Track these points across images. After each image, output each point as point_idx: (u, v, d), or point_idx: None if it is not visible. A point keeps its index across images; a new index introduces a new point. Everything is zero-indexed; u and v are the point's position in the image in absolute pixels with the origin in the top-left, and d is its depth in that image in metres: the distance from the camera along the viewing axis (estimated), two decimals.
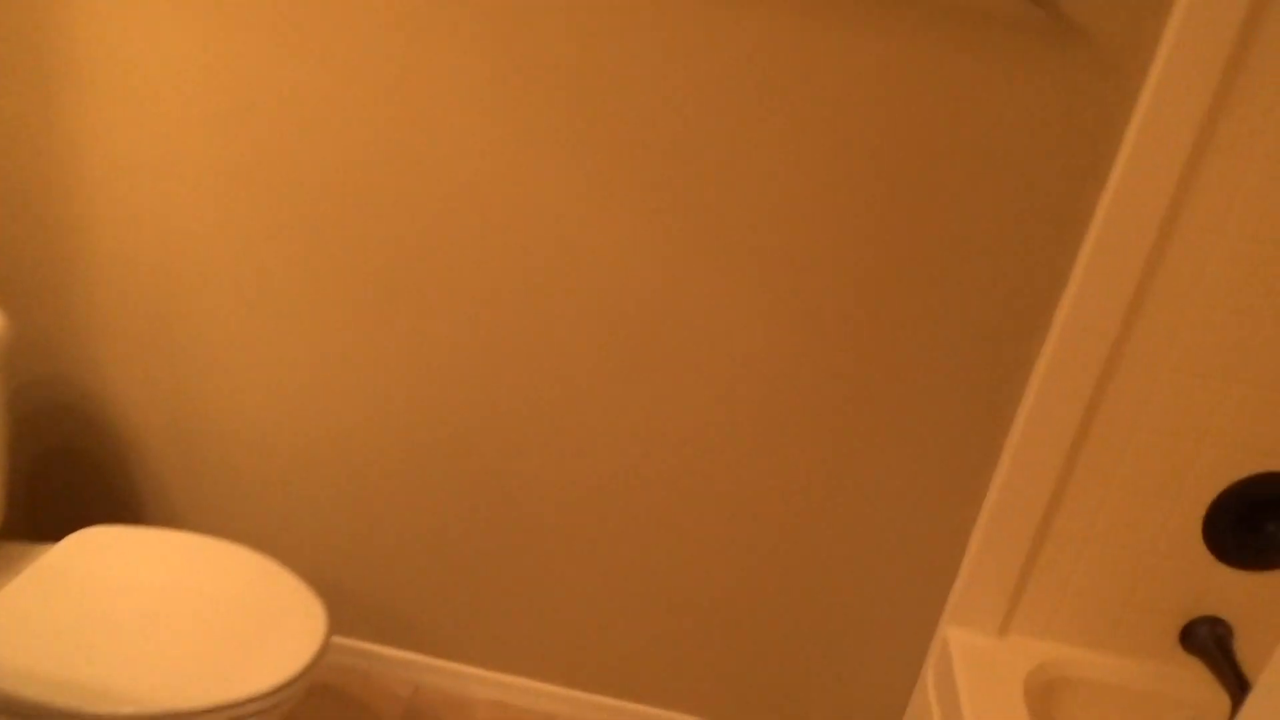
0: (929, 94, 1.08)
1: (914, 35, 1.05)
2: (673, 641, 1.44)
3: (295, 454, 1.39)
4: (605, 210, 1.18)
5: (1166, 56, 1.02)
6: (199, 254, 1.28)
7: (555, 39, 1.11)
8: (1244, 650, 1.31)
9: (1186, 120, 1.04)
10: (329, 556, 1.46)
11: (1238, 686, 1.25)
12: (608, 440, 1.31)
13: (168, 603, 1.12)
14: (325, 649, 1.12)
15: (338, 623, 1.52)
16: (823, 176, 1.13)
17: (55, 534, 1.50)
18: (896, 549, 1.33)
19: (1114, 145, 1.08)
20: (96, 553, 1.18)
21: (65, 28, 1.18)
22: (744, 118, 1.11)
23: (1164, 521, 1.25)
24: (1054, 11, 1.03)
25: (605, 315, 1.24)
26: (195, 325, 1.33)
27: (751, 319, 1.21)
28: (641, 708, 1.50)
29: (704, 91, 1.11)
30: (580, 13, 1.09)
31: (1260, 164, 1.06)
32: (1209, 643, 1.30)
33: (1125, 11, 1.02)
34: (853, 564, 1.34)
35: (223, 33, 1.15)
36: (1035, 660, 1.30)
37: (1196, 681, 1.32)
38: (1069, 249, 1.13)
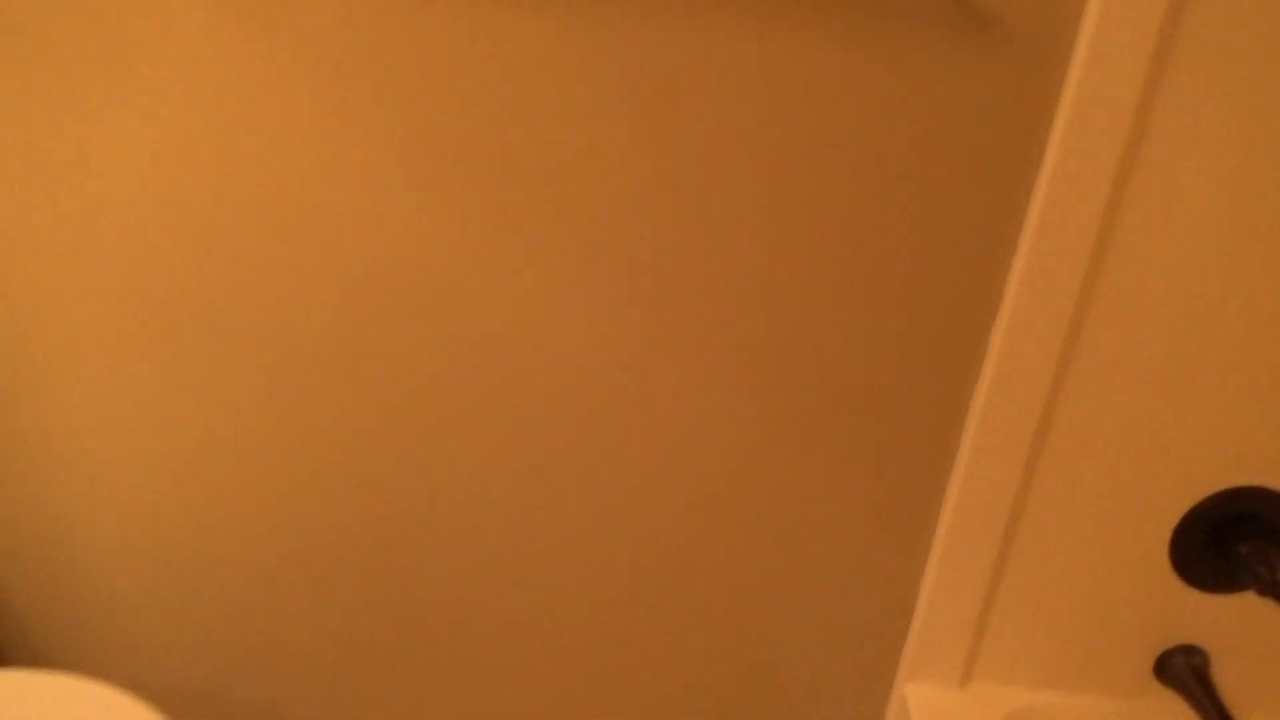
0: (840, 102, 0.95)
1: (823, 38, 0.93)
2: None
3: (168, 561, 1.23)
4: (505, 280, 1.04)
5: (1089, 46, 0.91)
6: (47, 336, 1.11)
7: (453, 107, 0.96)
8: (1222, 678, 1.21)
9: (1116, 116, 0.93)
10: (216, 671, 1.30)
11: (1218, 716, 1.15)
12: (527, 530, 1.17)
13: None
14: None
15: None
16: (732, 204, 1.00)
17: None
18: (843, 608, 1.20)
19: (1041, 148, 0.97)
20: None
21: None
22: (637, 145, 0.98)
23: (1129, 549, 1.15)
24: (966, 5, 0.92)
25: (521, 394, 1.10)
26: (43, 420, 1.16)
27: (674, 368, 1.08)
28: None
29: (590, 124, 0.97)
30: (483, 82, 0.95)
31: (1200, 156, 0.96)
32: (1185, 674, 1.20)
33: (1041, 3, 0.90)
34: (797, 630, 1.22)
35: (92, 116, 0.99)
36: (1002, 711, 1.19)
37: (1175, 716, 1.22)
38: (1001, 265, 1.02)
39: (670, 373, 1.08)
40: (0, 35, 0.98)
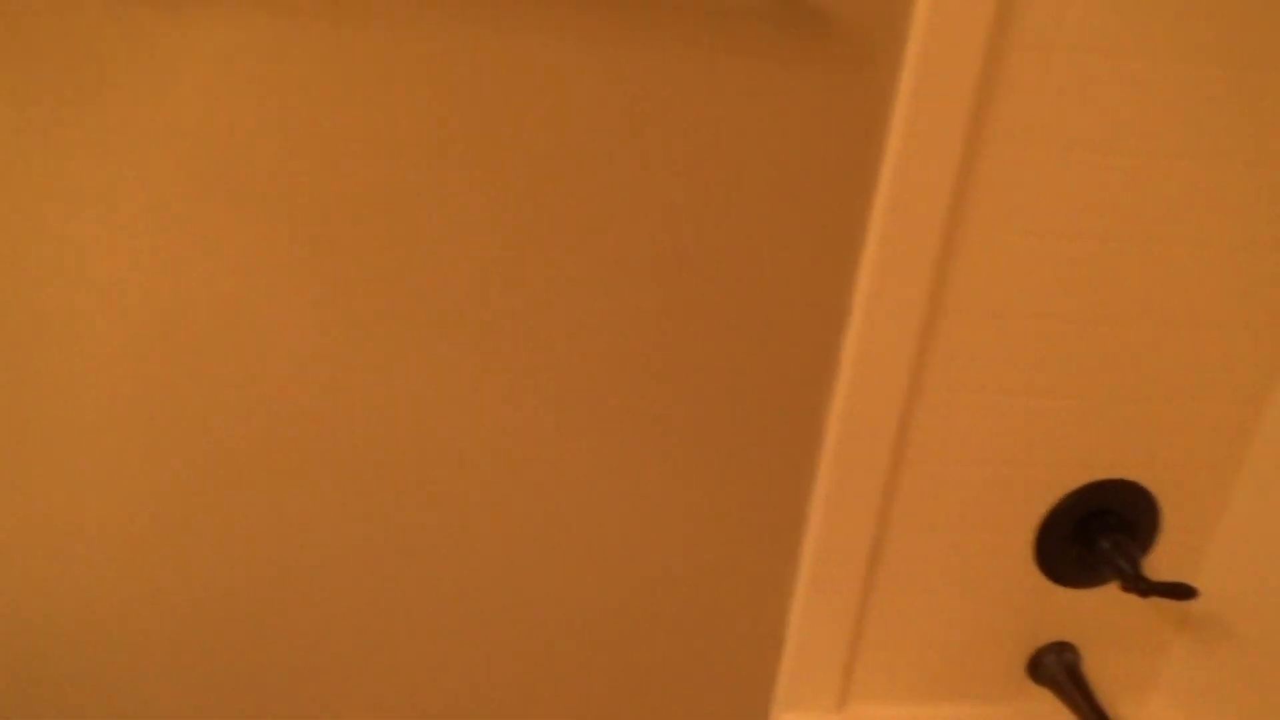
0: (672, 108, 0.86)
1: (651, 42, 0.83)
2: None
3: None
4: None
5: (921, 42, 0.85)
6: None
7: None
8: (1092, 670, 1.20)
9: (952, 112, 0.87)
10: None
11: (1092, 713, 1.13)
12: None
13: None
14: None
15: None
16: (564, 221, 0.90)
17: None
18: (714, 645, 1.13)
19: (880, 148, 0.91)
20: None
21: None
22: (463, 159, 0.87)
23: (994, 553, 1.11)
24: (795, 3, 0.84)
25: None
26: None
27: (521, 412, 0.98)
28: None
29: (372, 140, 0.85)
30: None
31: (1039, 149, 0.91)
32: (1058, 671, 1.18)
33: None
34: (668, 671, 1.14)
35: None
36: None
37: (1051, 714, 1.20)
38: (847, 278, 0.95)
39: (517, 416, 0.98)
40: None
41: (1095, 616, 1.17)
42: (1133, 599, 1.16)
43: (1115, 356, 1.02)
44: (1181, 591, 1.04)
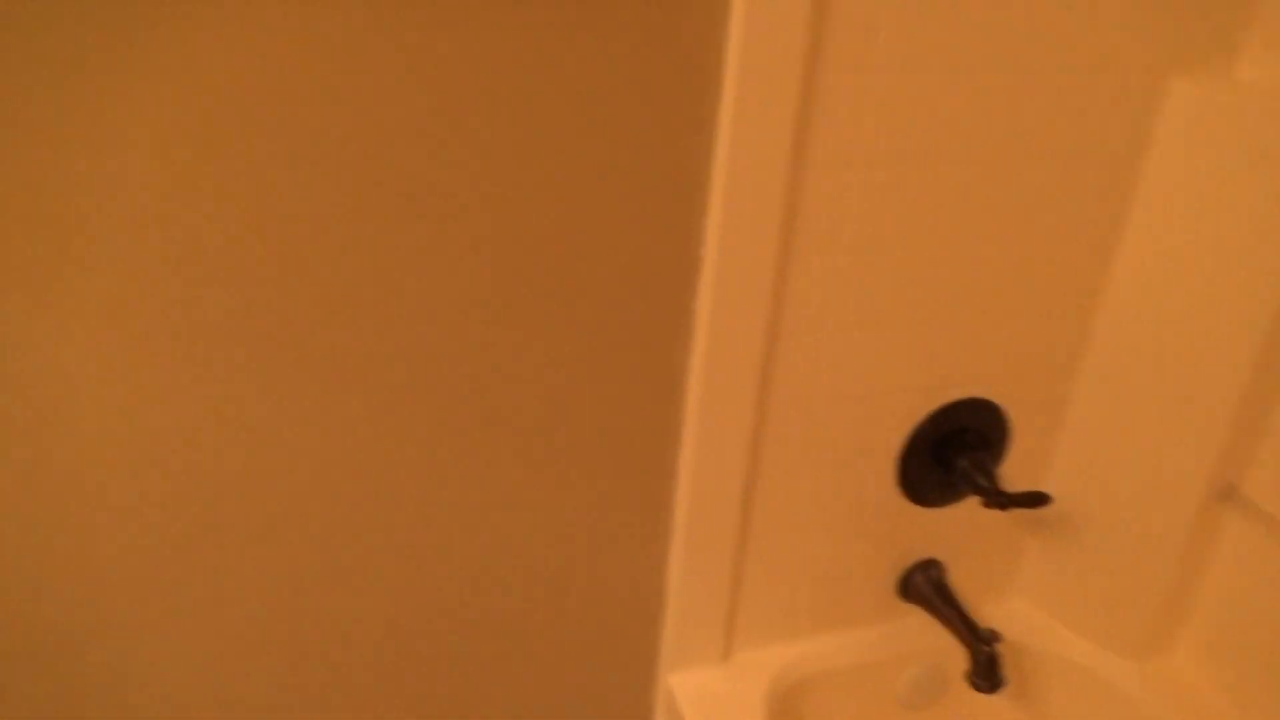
0: (499, 81, 0.77)
1: (474, 16, 0.73)
2: None
3: None
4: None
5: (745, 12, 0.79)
6: None
7: None
8: (957, 580, 1.24)
9: (787, 45, 0.82)
10: None
11: (959, 621, 1.17)
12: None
13: None
14: None
15: None
16: (398, 210, 0.79)
17: None
18: (595, 612, 1.08)
19: (715, 107, 0.84)
20: None
21: None
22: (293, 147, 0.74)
23: (861, 484, 1.11)
24: None
25: None
26: None
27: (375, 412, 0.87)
28: None
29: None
30: None
31: (875, 77, 0.88)
32: (926, 588, 1.21)
33: None
34: (553, 643, 1.09)
35: None
36: (767, 674, 1.14)
37: (923, 629, 1.24)
38: (695, 226, 0.90)
39: (365, 403, 0.88)
40: None
41: (957, 530, 1.20)
42: (990, 509, 1.20)
43: (955, 281, 1.02)
44: (1037, 500, 1.08)
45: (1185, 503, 1.10)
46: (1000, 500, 1.07)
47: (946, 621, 1.19)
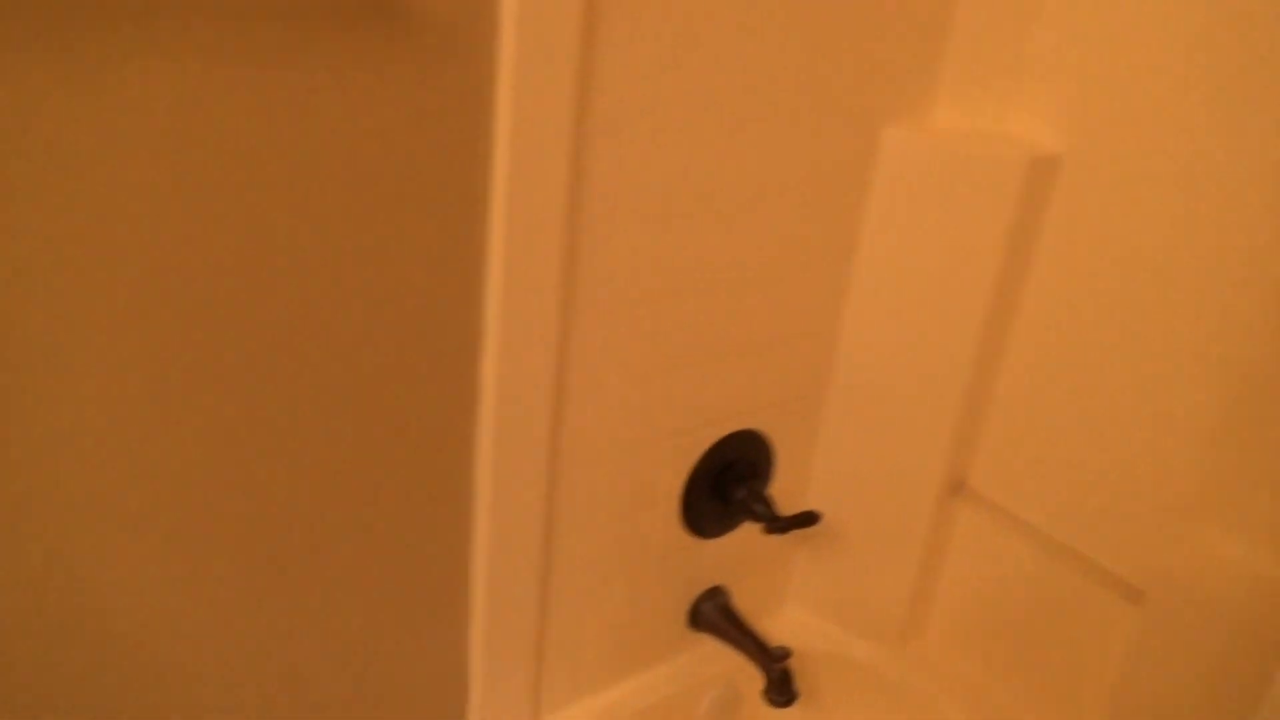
0: (256, 123, 0.68)
1: (223, 56, 0.63)
2: None
3: None
4: None
5: (515, 25, 0.77)
6: None
7: None
8: (740, 602, 1.30)
9: (557, 92, 0.81)
10: None
11: (749, 642, 1.22)
12: None
13: None
14: None
15: None
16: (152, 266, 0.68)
17: None
18: (395, 697, 1.01)
19: (489, 140, 0.82)
20: None
21: None
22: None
23: (649, 528, 1.13)
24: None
25: None
26: None
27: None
28: None
29: None
30: None
31: (646, 121, 0.90)
32: (713, 615, 1.25)
33: None
34: None
35: None
36: None
37: (716, 654, 1.28)
38: (474, 287, 0.86)
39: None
40: None
41: (736, 554, 1.25)
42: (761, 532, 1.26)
43: (718, 322, 1.07)
44: (809, 520, 1.15)
45: (923, 499, 1.23)
46: (778, 525, 1.14)
47: (738, 644, 1.24)
